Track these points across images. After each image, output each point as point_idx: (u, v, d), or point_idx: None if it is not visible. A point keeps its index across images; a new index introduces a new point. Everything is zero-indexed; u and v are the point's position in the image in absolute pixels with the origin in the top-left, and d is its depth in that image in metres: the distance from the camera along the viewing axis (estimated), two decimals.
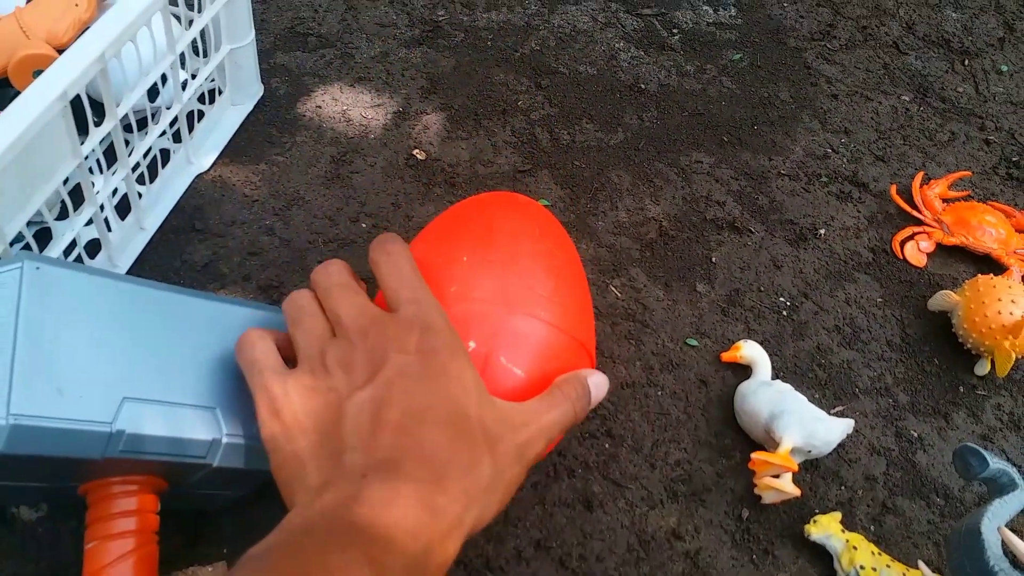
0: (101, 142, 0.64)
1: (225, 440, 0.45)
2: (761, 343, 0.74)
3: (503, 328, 0.55)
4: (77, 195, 0.65)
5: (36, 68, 0.62)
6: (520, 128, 0.92)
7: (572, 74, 1.00)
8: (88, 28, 0.67)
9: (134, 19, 0.62)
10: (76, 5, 0.64)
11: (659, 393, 0.72)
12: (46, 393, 0.39)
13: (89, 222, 0.66)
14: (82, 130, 0.60)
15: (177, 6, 0.78)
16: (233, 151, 0.83)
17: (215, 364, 0.47)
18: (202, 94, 0.81)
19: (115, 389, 0.41)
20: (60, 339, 0.41)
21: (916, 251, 0.86)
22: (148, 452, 0.42)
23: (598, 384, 0.48)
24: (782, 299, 0.80)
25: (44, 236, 0.67)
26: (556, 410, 0.44)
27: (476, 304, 0.55)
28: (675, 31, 1.08)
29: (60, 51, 0.64)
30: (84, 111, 0.60)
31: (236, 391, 0.47)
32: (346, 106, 0.91)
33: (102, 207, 0.67)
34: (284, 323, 0.49)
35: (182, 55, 0.72)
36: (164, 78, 0.72)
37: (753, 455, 0.64)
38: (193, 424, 0.44)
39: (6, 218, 0.55)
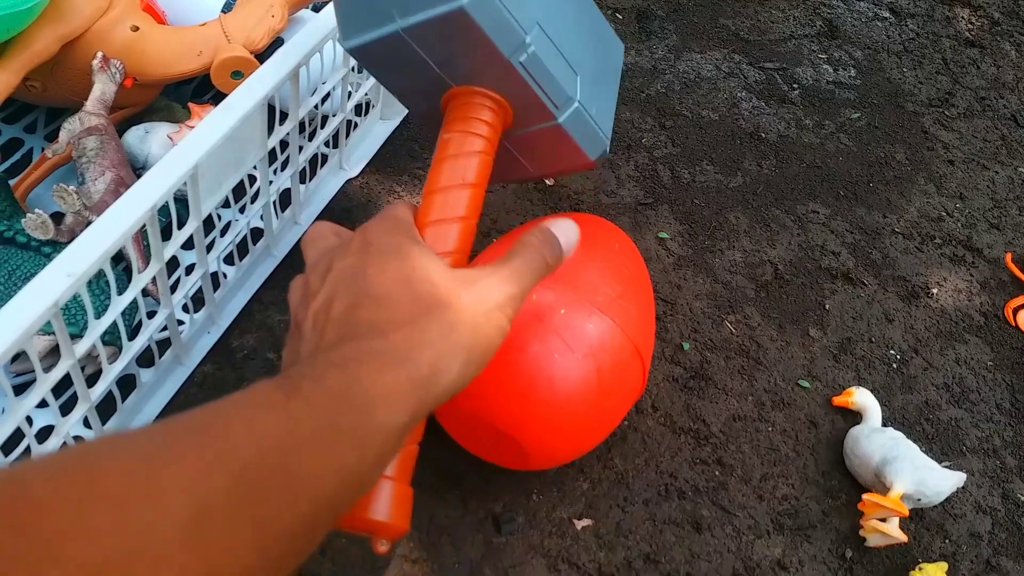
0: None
1: (577, 104, 0.51)
2: (870, 392, 0.75)
3: (567, 314, 0.58)
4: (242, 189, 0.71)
5: (234, 69, 0.69)
6: (643, 164, 0.96)
7: (695, 117, 1.04)
8: (279, 36, 0.74)
9: (324, 36, 0.68)
10: (272, 16, 0.71)
11: (770, 429, 0.74)
12: None
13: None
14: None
15: None
16: (379, 161, 0.89)
17: (586, 41, 0.54)
18: (357, 106, 0.87)
19: (535, 15, 0.48)
20: None
21: None
22: (534, 76, 0.48)
23: (565, 229, 0.44)
24: (892, 352, 0.82)
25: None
26: (518, 258, 0.41)
27: (545, 292, 0.59)
28: (795, 86, 1.12)
29: (255, 55, 0.71)
30: (274, 112, 0.66)
31: (593, 72, 0.54)
32: None
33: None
34: None
35: None
36: (332, 89, 0.78)
37: (865, 496, 0.66)
38: (565, 75, 0.50)
39: (205, 196, 0.61)
